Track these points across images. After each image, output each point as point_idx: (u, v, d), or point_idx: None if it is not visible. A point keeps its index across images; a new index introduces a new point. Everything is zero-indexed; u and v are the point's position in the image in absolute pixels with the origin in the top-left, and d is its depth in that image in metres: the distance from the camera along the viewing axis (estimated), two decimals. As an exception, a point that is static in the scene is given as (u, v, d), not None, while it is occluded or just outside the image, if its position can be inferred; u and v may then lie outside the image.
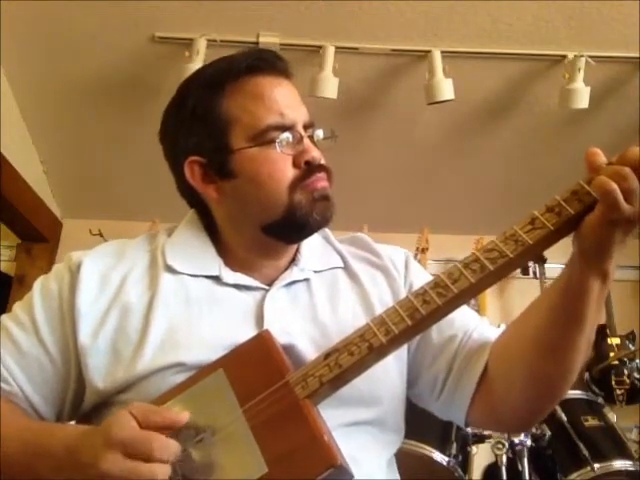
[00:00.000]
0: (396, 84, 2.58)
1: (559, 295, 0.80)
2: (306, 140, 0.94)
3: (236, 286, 0.94)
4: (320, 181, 0.93)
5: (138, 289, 0.92)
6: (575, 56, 2.39)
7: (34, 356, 0.89)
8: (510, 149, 2.85)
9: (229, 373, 0.79)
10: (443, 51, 2.38)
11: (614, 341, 2.78)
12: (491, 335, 0.95)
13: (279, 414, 0.75)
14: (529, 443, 2.08)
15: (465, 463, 2.10)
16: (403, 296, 0.81)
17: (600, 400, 2.41)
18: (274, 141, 0.91)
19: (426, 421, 1.69)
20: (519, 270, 2.85)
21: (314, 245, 1.02)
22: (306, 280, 0.98)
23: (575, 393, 2.31)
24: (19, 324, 0.91)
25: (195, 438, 0.75)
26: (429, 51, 2.39)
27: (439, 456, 2.00)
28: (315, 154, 0.93)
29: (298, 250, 1.00)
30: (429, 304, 0.76)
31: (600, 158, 0.74)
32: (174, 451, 0.72)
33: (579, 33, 2.37)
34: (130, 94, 2.61)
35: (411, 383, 0.97)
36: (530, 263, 2.92)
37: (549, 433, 2.16)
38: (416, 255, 2.93)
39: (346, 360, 0.76)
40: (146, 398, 0.80)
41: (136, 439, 0.71)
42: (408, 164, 2.93)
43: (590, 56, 2.37)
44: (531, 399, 0.88)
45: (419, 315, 0.76)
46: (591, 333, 0.82)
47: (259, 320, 0.91)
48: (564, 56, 2.42)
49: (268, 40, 2.37)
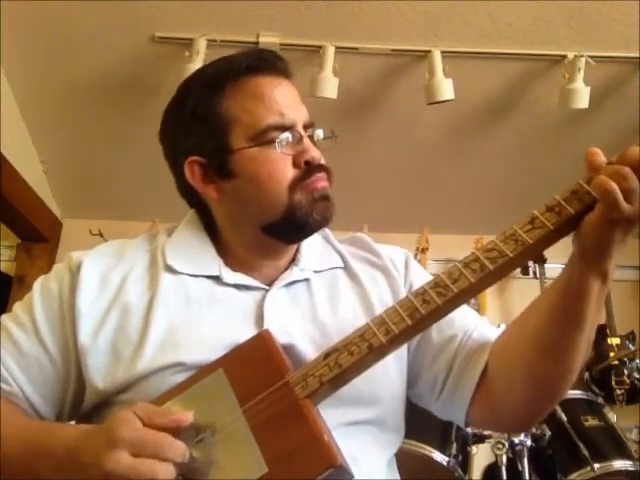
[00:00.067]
0: (396, 84, 2.58)
1: (559, 295, 0.80)
2: (306, 140, 0.94)
3: (236, 286, 0.94)
4: (320, 181, 0.93)
5: (138, 289, 0.92)
6: (575, 56, 2.39)
7: (34, 356, 0.89)
8: (510, 149, 2.85)
9: (229, 373, 0.79)
10: (443, 51, 2.38)
11: (614, 341, 2.78)
12: (491, 335, 0.95)
13: (279, 414, 0.75)
14: (529, 443, 2.08)
15: (465, 463, 2.09)
16: (403, 296, 0.81)
17: (600, 400, 2.41)
18: (274, 141, 0.91)
19: (426, 421, 1.69)
20: (519, 270, 2.86)
21: (314, 245, 1.02)
22: (306, 280, 0.98)
23: (575, 393, 2.31)
24: (19, 324, 0.91)
25: (195, 438, 0.75)
26: (429, 51, 2.39)
27: (439, 456, 2.00)
28: (315, 154, 0.93)
29: (298, 250, 1.00)
30: (429, 304, 0.76)
31: (600, 158, 0.74)
32: (181, 452, 0.72)
33: (579, 33, 2.37)
34: (130, 94, 2.61)
35: (411, 383, 0.97)
36: (530, 263, 2.92)
37: (549, 433, 2.15)
38: (416, 255, 2.93)
39: (346, 360, 0.76)
40: (146, 398, 0.80)
41: (143, 439, 0.71)
42: (408, 164, 2.93)
43: (590, 56, 2.37)
44: (531, 399, 0.88)
45: (419, 315, 0.75)
46: (591, 333, 0.82)
47: (259, 320, 0.91)
48: (564, 56, 2.42)
49: (268, 40, 2.37)
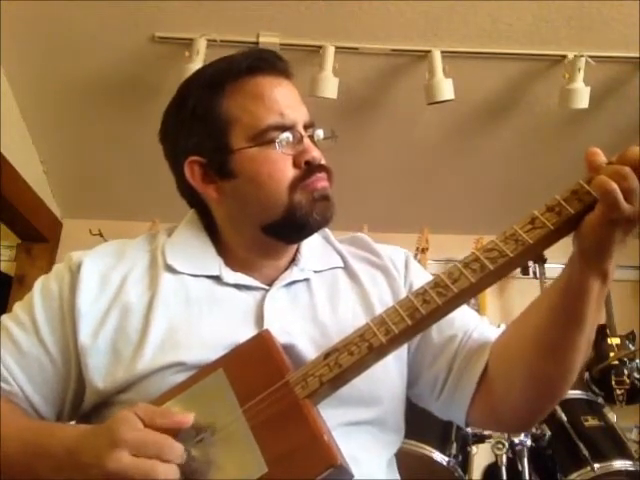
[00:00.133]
0: (396, 84, 2.58)
1: (559, 295, 0.80)
2: (306, 140, 0.94)
3: (236, 286, 0.94)
4: (320, 181, 0.93)
5: (138, 289, 0.92)
6: (575, 56, 2.38)
7: (34, 356, 0.89)
8: (510, 149, 2.85)
9: (229, 373, 0.79)
10: (443, 51, 2.38)
11: (614, 341, 2.78)
12: (491, 335, 0.94)
13: (279, 414, 0.75)
14: (529, 443, 2.08)
15: (465, 463, 2.09)
16: (403, 296, 0.81)
17: (600, 400, 2.40)
18: (274, 141, 0.91)
19: (426, 421, 1.69)
20: (519, 270, 2.86)
21: (314, 245, 1.02)
22: (306, 280, 0.98)
23: (575, 393, 2.31)
24: (19, 324, 0.91)
25: (195, 438, 0.75)
26: (429, 51, 2.39)
27: (439, 456, 2.00)
28: (315, 154, 0.93)
29: (298, 250, 1.00)
30: (429, 304, 0.75)
31: (600, 158, 0.74)
32: (180, 454, 0.72)
33: (579, 33, 2.37)
34: (130, 94, 2.61)
35: (411, 383, 0.97)
36: (530, 263, 2.92)
37: (549, 433, 2.15)
38: (416, 255, 2.93)
39: (346, 360, 0.76)
40: (146, 398, 0.80)
41: (144, 440, 0.71)
42: (408, 164, 2.93)
43: (590, 56, 2.37)
44: (531, 399, 0.88)
45: (419, 315, 0.75)
46: (591, 333, 0.82)
47: (259, 320, 0.91)
48: (564, 56, 2.42)
49: (268, 40, 2.37)
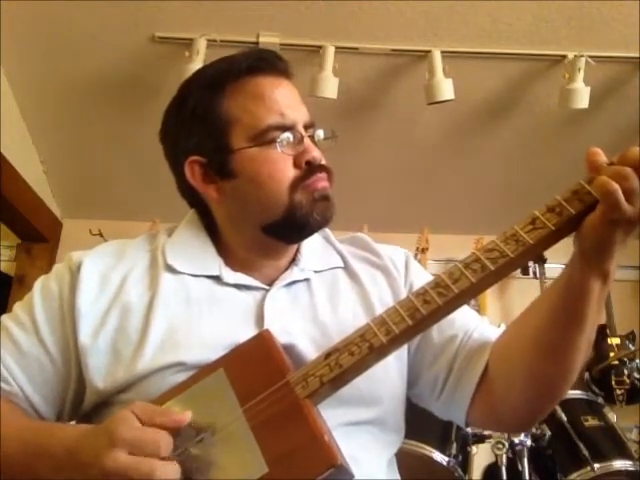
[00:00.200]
0: (396, 84, 2.58)
1: (559, 295, 0.80)
2: (307, 140, 0.94)
3: (236, 286, 0.94)
4: (320, 181, 0.93)
5: (138, 289, 0.92)
6: (575, 56, 2.38)
7: (34, 356, 0.89)
8: (510, 149, 2.85)
9: (229, 373, 0.79)
10: (443, 51, 2.38)
11: (614, 341, 2.78)
12: (491, 335, 0.94)
13: (279, 414, 0.75)
14: (529, 443, 2.08)
15: (465, 463, 2.09)
16: (403, 296, 0.81)
17: (600, 400, 2.40)
18: (274, 141, 0.91)
19: (426, 421, 1.69)
20: (519, 270, 2.85)
21: (314, 245, 1.02)
22: (306, 280, 0.97)
23: (575, 393, 2.31)
24: (19, 324, 0.91)
25: (195, 438, 0.75)
26: (429, 51, 2.39)
27: (439, 456, 2.00)
28: (316, 154, 0.93)
29: (298, 250, 1.00)
30: (430, 304, 0.75)
31: (601, 158, 0.74)
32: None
33: (579, 33, 2.37)
34: (130, 94, 2.61)
35: (411, 383, 0.97)
36: (530, 263, 2.92)
37: (549, 433, 2.15)
38: (416, 255, 2.93)
39: (347, 360, 0.76)
40: (146, 398, 0.79)
41: (142, 439, 0.70)
42: (408, 164, 2.93)
43: (590, 56, 2.37)
44: (531, 399, 0.88)
45: (420, 315, 0.75)
46: (591, 333, 0.82)
47: (259, 320, 0.91)
48: (564, 56, 2.42)
49: (268, 40, 2.37)
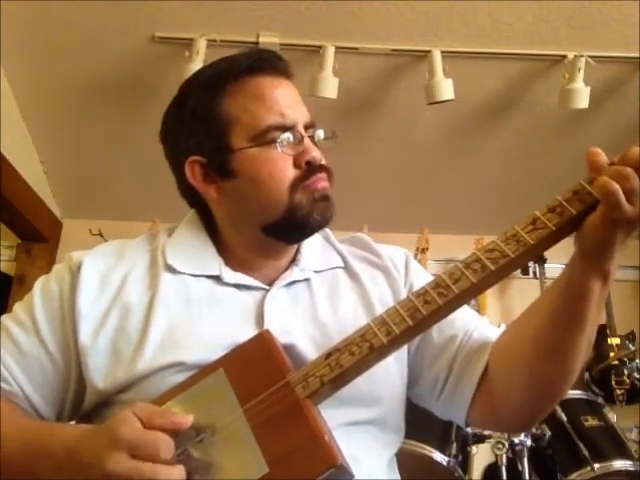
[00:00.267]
0: (396, 84, 2.58)
1: (560, 296, 0.80)
2: (307, 140, 0.94)
3: (236, 286, 0.94)
4: (321, 181, 0.93)
5: (138, 289, 0.92)
6: (575, 56, 2.38)
7: (34, 356, 0.89)
8: (510, 149, 2.85)
9: (229, 373, 0.79)
10: (443, 51, 2.38)
11: (614, 341, 2.78)
12: (492, 335, 0.94)
13: (280, 414, 0.75)
14: (529, 443, 2.08)
15: (465, 463, 2.09)
16: (403, 296, 0.81)
17: (600, 400, 2.41)
18: (275, 141, 0.91)
19: (426, 421, 1.69)
20: (519, 270, 2.85)
21: (314, 245, 1.02)
22: (306, 280, 0.97)
23: (575, 393, 2.31)
24: (19, 324, 0.91)
25: (195, 438, 0.75)
26: (429, 51, 2.39)
27: (439, 456, 2.00)
28: (316, 154, 0.93)
29: (298, 250, 1.00)
30: (430, 304, 0.75)
31: (601, 158, 0.74)
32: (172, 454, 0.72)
33: (579, 33, 2.37)
34: (130, 94, 2.61)
35: (412, 383, 0.97)
36: (530, 263, 2.93)
37: (549, 433, 2.15)
38: (416, 255, 2.93)
39: (347, 360, 0.76)
40: (146, 398, 0.79)
41: (142, 440, 0.70)
42: (408, 164, 2.93)
43: (590, 56, 2.37)
44: (531, 399, 0.88)
45: (420, 315, 0.75)
46: (592, 333, 0.82)
47: (259, 320, 0.91)
48: (564, 56, 2.42)
49: (268, 40, 2.37)
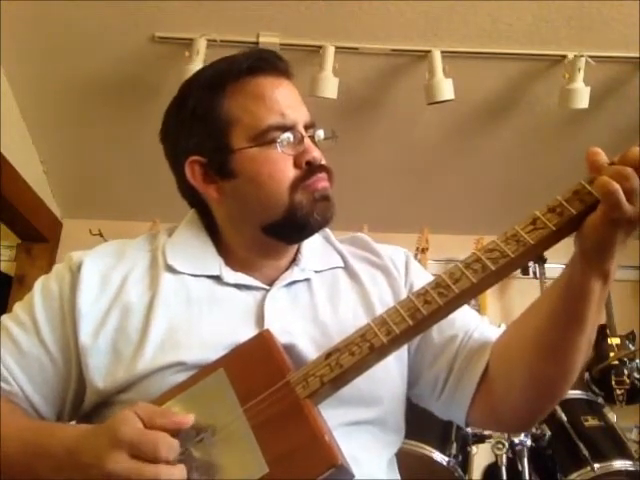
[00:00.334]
0: (396, 84, 2.58)
1: (560, 296, 0.80)
2: (307, 140, 0.94)
3: (237, 286, 0.94)
4: (321, 181, 0.93)
5: (139, 289, 0.92)
6: (575, 56, 2.38)
7: (35, 356, 0.89)
8: (510, 149, 2.85)
9: (230, 373, 0.79)
10: (443, 51, 2.38)
11: (614, 341, 2.78)
12: (492, 335, 0.94)
13: (280, 414, 0.75)
14: (529, 443, 2.08)
15: (465, 463, 2.09)
16: (404, 296, 0.81)
17: (600, 400, 2.41)
18: (275, 141, 0.91)
19: (426, 421, 1.69)
20: (519, 270, 2.85)
21: (315, 245, 1.02)
22: (307, 280, 0.97)
23: (575, 393, 2.31)
24: (20, 324, 0.91)
25: (195, 438, 0.75)
26: (429, 51, 2.39)
27: (439, 456, 2.00)
28: (316, 154, 0.93)
29: (299, 250, 1.00)
30: (430, 304, 0.75)
31: (602, 158, 0.74)
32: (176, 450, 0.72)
33: (579, 33, 2.37)
34: (130, 94, 2.61)
35: (412, 383, 0.97)
36: (530, 263, 2.93)
37: (549, 433, 2.15)
38: (416, 255, 2.93)
39: (347, 360, 0.76)
40: (146, 398, 0.79)
41: (143, 440, 0.70)
42: (408, 164, 2.93)
43: (590, 56, 2.37)
44: (531, 399, 0.88)
45: (420, 315, 0.75)
46: (592, 333, 0.82)
47: (259, 320, 0.91)
48: (564, 56, 2.42)
49: (268, 40, 2.37)
